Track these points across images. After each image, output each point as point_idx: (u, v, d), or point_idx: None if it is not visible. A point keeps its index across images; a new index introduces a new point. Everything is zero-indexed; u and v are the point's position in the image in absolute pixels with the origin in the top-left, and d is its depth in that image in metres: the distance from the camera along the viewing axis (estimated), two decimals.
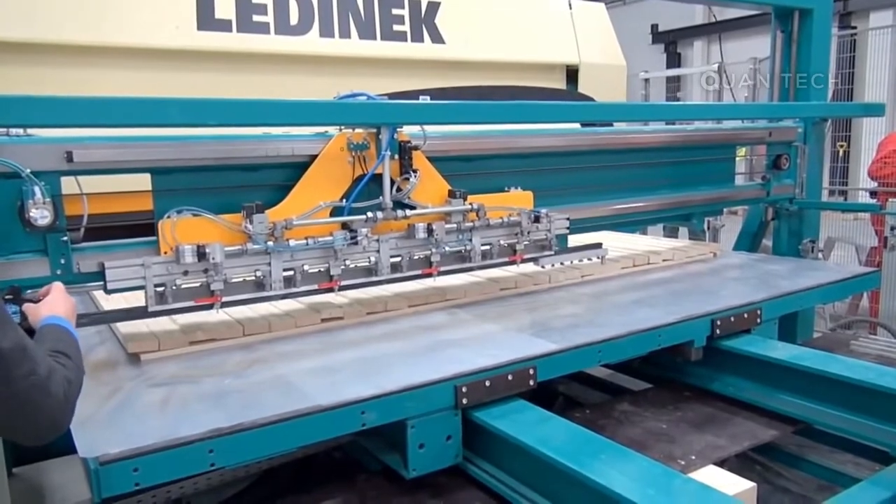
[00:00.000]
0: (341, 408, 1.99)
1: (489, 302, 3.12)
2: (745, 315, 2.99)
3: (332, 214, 2.64)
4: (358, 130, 2.69)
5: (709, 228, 6.52)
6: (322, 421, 1.96)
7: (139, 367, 2.35)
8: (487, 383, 2.24)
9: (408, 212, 2.75)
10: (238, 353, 2.47)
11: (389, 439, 2.24)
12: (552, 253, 3.20)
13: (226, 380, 2.21)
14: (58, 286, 1.91)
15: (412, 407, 2.11)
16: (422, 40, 4.23)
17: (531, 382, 2.34)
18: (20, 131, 2.21)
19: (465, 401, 2.19)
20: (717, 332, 2.88)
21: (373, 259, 2.71)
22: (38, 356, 1.43)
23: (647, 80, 11.25)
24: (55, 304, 1.78)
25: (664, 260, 3.91)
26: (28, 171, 2.10)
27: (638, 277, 3.62)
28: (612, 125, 4.03)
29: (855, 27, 13.13)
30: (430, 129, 2.84)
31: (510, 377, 2.29)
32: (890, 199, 5.37)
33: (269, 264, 2.49)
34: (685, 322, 2.82)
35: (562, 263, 3.37)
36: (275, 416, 1.89)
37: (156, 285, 2.32)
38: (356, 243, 2.62)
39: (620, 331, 2.65)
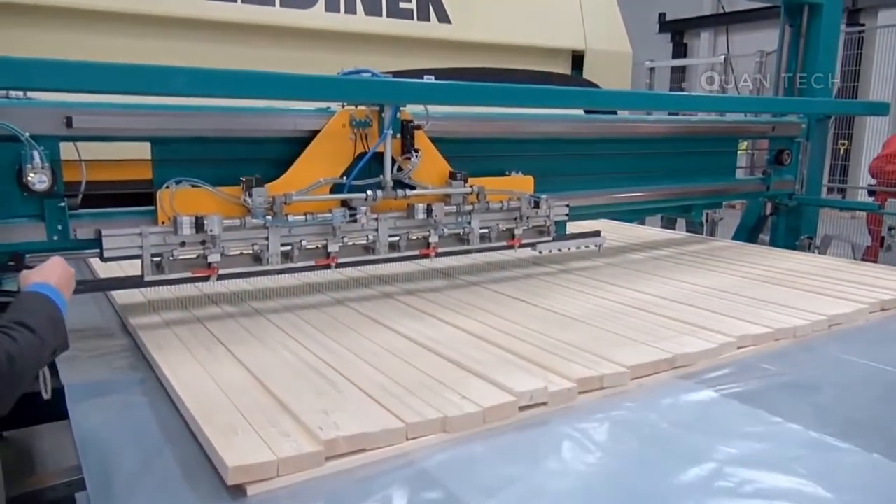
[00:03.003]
0: None
1: (741, 372, 2.19)
2: None
3: (332, 191, 2.63)
4: (361, 107, 2.67)
5: (707, 221, 6.53)
6: None
7: None
8: None
9: (408, 191, 2.73)
10: (408, 486, 1.50)
11: None
12: (550, 239, 3.21)
13: None
14: (57, 257, 1.88)
15: None
16: (428, 19, 4.20)
17: None
18: (20, 94, 2.19)
19: None
20: None
21: (371, 237, 2.70)
22: None
23: (652, 70, 11.17)
24: (48, 273, 1.72)
25: None
26: (27, 134, 2.08)
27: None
28: (615, 113, 4.02)
29: (863, 24, 13.07)
30: (433, 109, 2.82)
31: None
32: (889, 199, 5.37)
33: (267, 238, 2.48)
34: None
35: (559, 250, 3.37)
36: None
37: (153, 255, 2.31)
38: (355, 221, 2.61)
39: None
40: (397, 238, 2.77)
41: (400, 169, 2.73)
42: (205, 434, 1.59)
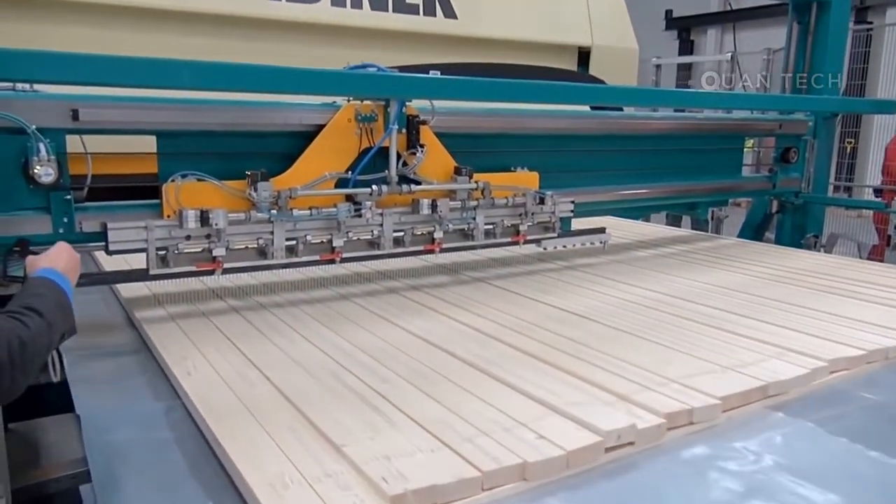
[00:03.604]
0: None
1: (839, 401, 1.96)
2: None
3: (337, 186, 2.63)
4: (366, 102, 2.67)
5: (712, 219, 6.53)
6: None
7: None
8: None
9: (413, 187, 2.73)
10: None
11: None
12: (555, 235, 3.20)
13: None
14: (63, 243, 1.88)
15: None
16: (434, 14, 4.19)
17: None
18: (27, 87, 2.19)
19: None
20: None
21: (376, 232, 2.70)
22: None
23: (658, 67, 11.15)
24: (55, 258, 1.73)
25: None
26: (33, 127, 2.08)
27: None
28: (621, 109, 4.00)
29: (871, 22, 12.99)
30: (438, 104, 2.82)
31: None
32: None
33: (272, 233, 2.48)
34: None
35: (564, 247, 3.36)
36: None
37: (158, 248, 2.31)
38: (360, 216, 2.61)
39: None
40: (402, 233, 2.76)
41: (405, 164, 2.73)
42: (248, 485, 1.37)
